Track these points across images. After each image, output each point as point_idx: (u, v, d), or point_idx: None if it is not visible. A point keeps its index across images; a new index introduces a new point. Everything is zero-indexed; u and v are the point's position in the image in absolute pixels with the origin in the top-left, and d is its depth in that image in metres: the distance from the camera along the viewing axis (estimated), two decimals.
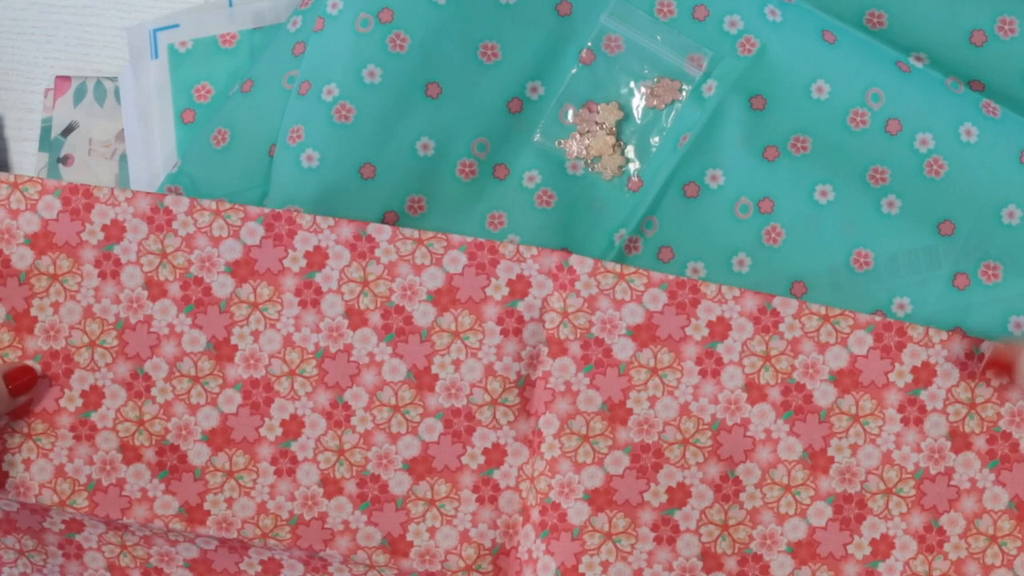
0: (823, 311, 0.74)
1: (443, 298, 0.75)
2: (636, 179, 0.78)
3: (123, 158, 0.82)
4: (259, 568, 0.77)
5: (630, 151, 0.78)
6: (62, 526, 0.77)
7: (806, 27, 0.76)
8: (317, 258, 0.75)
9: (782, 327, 0.75)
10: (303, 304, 0.75)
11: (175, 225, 0.75)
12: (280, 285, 0.75)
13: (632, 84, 0.78)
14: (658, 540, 0.75)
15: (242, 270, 0.75)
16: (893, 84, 0.76)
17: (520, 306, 0.75)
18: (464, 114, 0.78)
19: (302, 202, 0.76)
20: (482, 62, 0.78)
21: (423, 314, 0.75)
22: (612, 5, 0.77)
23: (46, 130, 0.83)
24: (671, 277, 0.75)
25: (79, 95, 0.83)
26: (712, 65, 0.77)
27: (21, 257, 0.76)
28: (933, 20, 0.77)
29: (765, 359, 0.75)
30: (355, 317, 0.75)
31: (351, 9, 0.76)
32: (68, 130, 0.83)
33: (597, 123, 0.78)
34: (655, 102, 0.78)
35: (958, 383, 0.74)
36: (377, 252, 0.75)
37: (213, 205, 0.75)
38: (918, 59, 0.76)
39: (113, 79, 0.83)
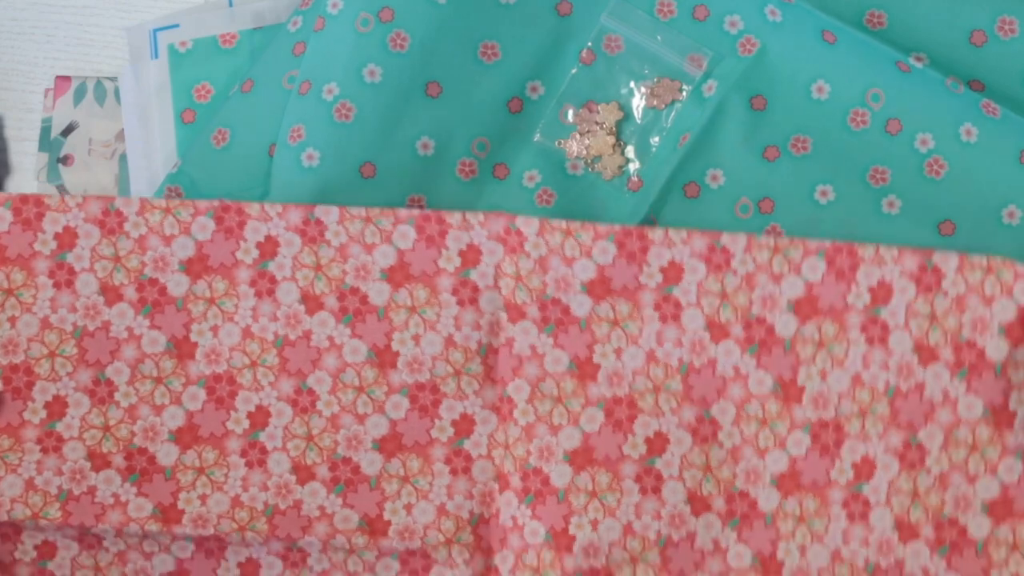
0: (772, 243, 0.75)
1: (396, 274, 0.76)
2: (636, 179, 0.78)
3: (123, 158, 0.83)
4: (237, 573, 0.77)
5: (630, 151, 0.78)
6: (34, 553, 0.78)
7: (806, 27, 0.76)
8: (269, 247, 0.76)
9: (734, 263, 0.75)
10: (259, 294, 0.76)
11: (127, 227, 0.76)
12: (235, 278, 0.76)
13: (632, 84, 0.78)
14: (643, 491, 0.76)
15: (196, 267, 0.76)
16: (893, 84, 0.76)
17: (473, 275, 0.76)
18: (464, 113, 0.78)
19: (303, 201, 0.77)
20: (482, 61, 0.78)
21: (378, 292, 0.76)
22: (612, 5, 0.77)
23: (46, 130, 0.83)
24: (617, 227, 0.75)
25: (79, 95, 0.83)
26: (712, 65, 0.77)
27: None
28: (933, 20, 0.77)
29: (722, 297, 0.75)
30: (311, 302, 0.76)
31: (351, 8, 0.77)
32: (68, 130, 0.83)
33: (597, 123, 0.78)
34: (655, 102, 0.78)
35: (916, 297, 0.74)
36: (327, 235, 0.76)
37: (163, 203, 0.76)
38: (918, 59, 0.76)
39: (113, 79, 0.83)
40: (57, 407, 0.76)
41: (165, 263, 0.76)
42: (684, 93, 0.78)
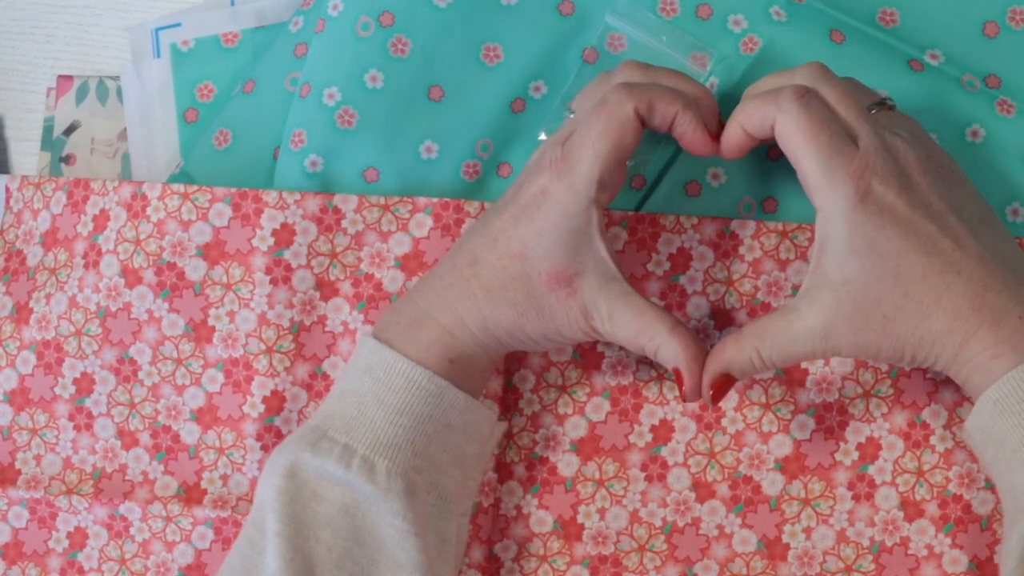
0: (780, 227, 0.76)
1: (410, 262, 0.77)
2: (639, 177, 0.78)
3: (125, 157, 0.83)
4: None
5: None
6: (67, 543, 0.80)
7: (812, 27, 0.76)
8: (284, 235, 0.77)
9: (742, 249, 0.76)
10: (274, 282, 0.78)
11: (148, 211, 0.78)
12: (250, 265, 0.77)
13: None
14: (649, 479, 0.77)
15: (213, 252, 0.78)
16: (902, 84, 0.76)
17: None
18: (467, 116, 0.79)
19: None
20: (484, 63, 0.79)
21: (392, 279, 0.78)
22: (618, 4, 0.77)
23: (48, 129, 0.84)
24: (630, 213, 0.77)
25: (81, 94, 0.84)
26: (714, 63, 0.77)
27: (34, 255, 0.80)
28: (945, 15, 0.77)
29: (728, 284, 0.77)
30: (326, 289, 0.78)
31: (351, 12, 0.78)
32: (70, 129, 0.84)
33: None
34: None
35: None
36: (344, 223, 0.78)
37: (182, 188, 0.78)
38: (933, 57, 0.75)
39: (115, 78, 0.84)
40: (85, 384, 0.79)
41: (183, 248, 0.78)
42: None
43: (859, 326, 0.67)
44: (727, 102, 0.77)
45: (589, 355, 0.78)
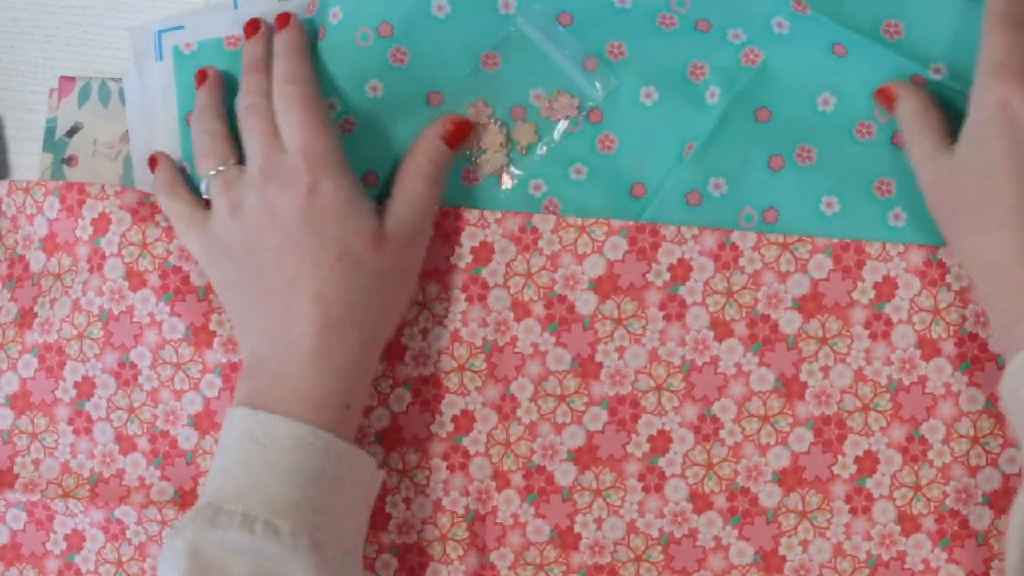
0: (781, 239, 0.77)
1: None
2: (640, 185, 0.78)
3: (127, 159, 0.83)
4: None
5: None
6: (64, 545, 0.80)
7: (814, 39, 0.77)
8: None
9: (742, 261, 0.77)
10: None
11: (157, 217, 0.79)
12: None
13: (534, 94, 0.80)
14: (646, 489, 0.78)
15: None
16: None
17: (484, 272, 0.78)
18: None
19: None
20: (484, 71, 0.78)
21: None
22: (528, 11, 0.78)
23: (50, 131, 0.84)
24: (631, 223, 0.77)
25: (84, 96, 0.84)
26: (715, 73, 0.77)
27: (37, 260, 0.81)
28: (949, 28, 0.77)
29: (728, 296, 0.77)
30: None
31: (351, 21, 0.78)
32: (72, 131, 0.84)
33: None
34: (550, 115, 0.79)
35: (920, 292, 0.76)
36: None
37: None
38: (936, 71, 0.75)
39: (118, 80, 0.84)
40: (86, 387, 0.80)
41: (189, 253, 0.78)
42: (580, 113, 0.79)
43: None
44: (729, 114, 0.77)
45: (588, 364, 0.78)
